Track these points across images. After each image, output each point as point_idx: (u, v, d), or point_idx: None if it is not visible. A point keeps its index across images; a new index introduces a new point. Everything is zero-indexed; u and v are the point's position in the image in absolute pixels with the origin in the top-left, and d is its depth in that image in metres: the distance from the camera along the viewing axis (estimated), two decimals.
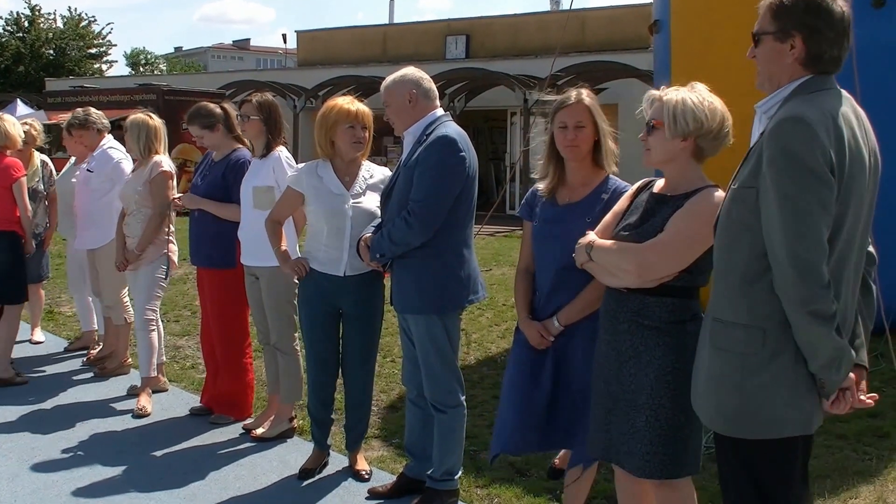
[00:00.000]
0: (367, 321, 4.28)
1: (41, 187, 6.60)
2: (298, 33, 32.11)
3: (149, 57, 63.96)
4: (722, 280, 2.45)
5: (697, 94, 2.78)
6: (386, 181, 4.09)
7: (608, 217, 3.03)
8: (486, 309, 8.38)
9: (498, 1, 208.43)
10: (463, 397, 3.93)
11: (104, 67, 42.06)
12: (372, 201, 4.15)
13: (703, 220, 2.67)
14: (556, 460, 3.64)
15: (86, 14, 47.77)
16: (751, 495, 2.42)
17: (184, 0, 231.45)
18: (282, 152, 4.79)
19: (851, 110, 2.36)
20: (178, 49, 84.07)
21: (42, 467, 4.51)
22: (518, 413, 3.33)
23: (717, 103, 2.79)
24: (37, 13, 38.77)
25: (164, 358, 5.92)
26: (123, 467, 4.50)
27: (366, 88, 16.28)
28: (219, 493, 4.20)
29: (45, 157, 6.86)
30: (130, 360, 6.23)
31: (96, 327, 6.81)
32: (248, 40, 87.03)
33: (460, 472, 4.01)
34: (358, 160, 4.28)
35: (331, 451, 4.53)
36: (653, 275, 2.79)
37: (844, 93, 2.40)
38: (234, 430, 5.05)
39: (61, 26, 39.44)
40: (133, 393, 5.63)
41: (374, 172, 4.31)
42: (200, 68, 59.39)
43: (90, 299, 6.75)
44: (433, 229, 3.68)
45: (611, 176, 3.37)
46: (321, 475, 4.39)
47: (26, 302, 6.29)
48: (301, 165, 4.44)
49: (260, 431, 4.91)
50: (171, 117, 8.35)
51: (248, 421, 5.15)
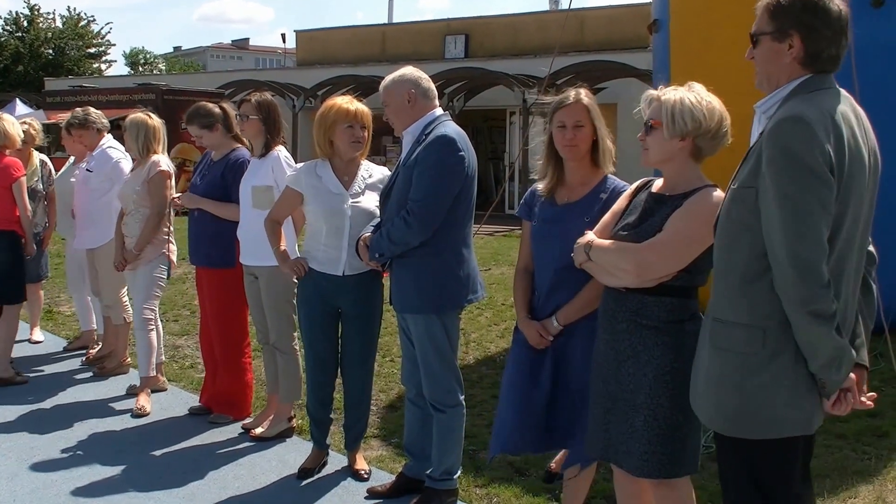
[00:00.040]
0: (366, 321, 4.28)
1: (40, 187, 6.60)
2: (297, 33, 32.14)
3: (148, 56, 63.87)
4: (722, 280, 2.45)
5: (695, 94, 2.78)
6: (385, 181, 4.08)
7: (607, 217, 3.03)
8: (485, 308, 8.38)
9: (497, 0, 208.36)
10: (462, 397, 3.93)
11: (103, 67, 42.16)
12: (371, 201, 4.15)
13: (702, 219, 2.67)
14: (553, 464, 3.61)
15: (85, 14, 47.91)
16: (751, 495, 2.43)
17: (183, 0, 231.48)
18: (281, 152, 4.78)
19: (851, 109, 2.36)
20: (177, 49, 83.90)
21: (41, 467, 4.50)
22: (517, 413, 3.32)
23: (716, 103, 2.79)
24: (36, 13, 38.81)
25: (163, 357, 5.92)
26: (122, 467, 4.50)
27: (365, 88, 16.31)
28: (218, 493, 4.20)
29: (45, 157, 6.87)
30: (129, 359, 6.23)
31: (95, 327, 6.81)
32: (247, 40, 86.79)
33: (459, 472, 4.01)
34: (357, 160, 4.28)
35: (330, 450, 4.53)
36: (651, 274, 2.79)
37: (844, 92, 2.40)
38: (233, 430, 5.05)
39: (60, 26, 39.47)
40: (132, 392, 5.62)
41: (372, 172, 4.31)
42: (199, 68, 59.27)
43: (89, 299, 6.75)
44: (432, 229, 3.68)
45: (609, 175, 3.37)
46: (320, 475, 4.39)
47: (25, 301, 6.29)
48: (300, 165, 4.44)
49: (259, 431, 4.91)
50: (170, 117, 8.34)
51: (248, 420, 5.15)
